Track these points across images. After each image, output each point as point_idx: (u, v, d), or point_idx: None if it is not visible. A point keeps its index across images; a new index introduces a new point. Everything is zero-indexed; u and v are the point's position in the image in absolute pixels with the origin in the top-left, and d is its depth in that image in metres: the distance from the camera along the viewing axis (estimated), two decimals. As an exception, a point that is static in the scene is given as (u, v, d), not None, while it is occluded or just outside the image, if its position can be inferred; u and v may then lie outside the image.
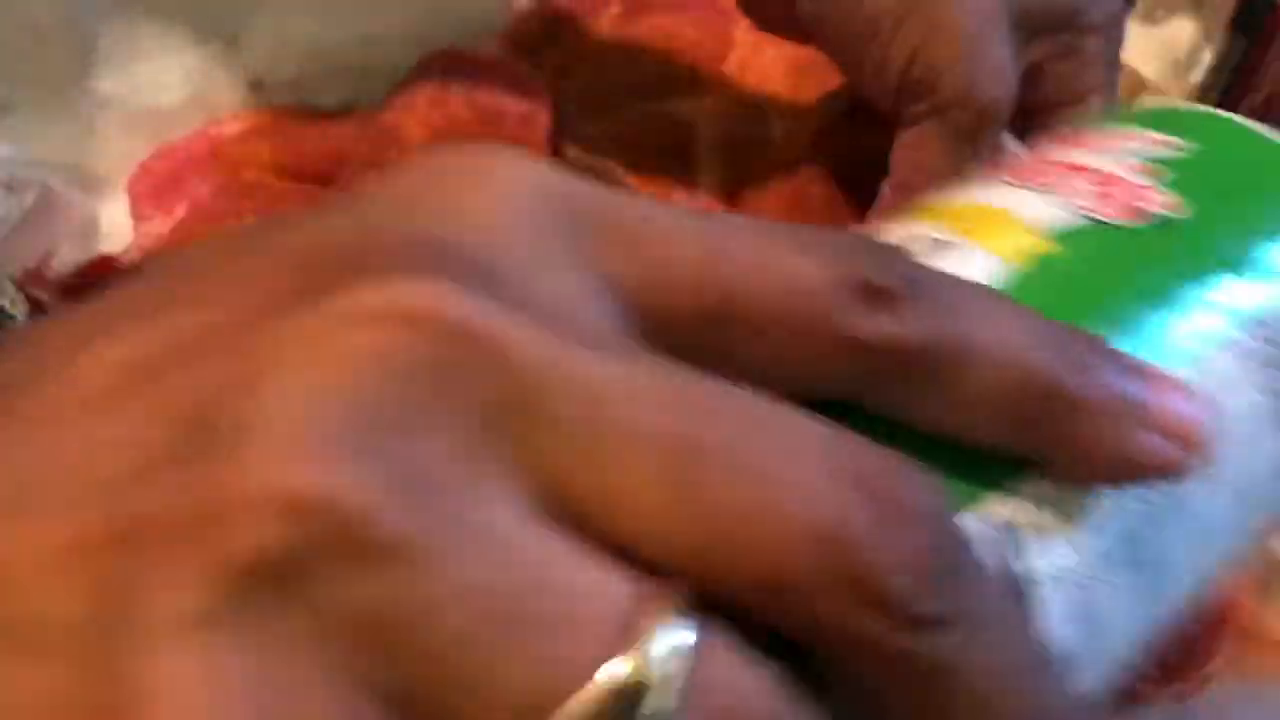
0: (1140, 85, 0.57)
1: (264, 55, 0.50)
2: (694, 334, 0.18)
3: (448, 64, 0.49)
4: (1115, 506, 0.20)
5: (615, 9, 0.54)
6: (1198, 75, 0.58)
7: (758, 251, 0.18)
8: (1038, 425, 0.19)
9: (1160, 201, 0.23)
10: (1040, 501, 0.19)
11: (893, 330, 0.18)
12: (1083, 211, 0.22)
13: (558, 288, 0.17)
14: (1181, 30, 0.59)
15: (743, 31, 0.52)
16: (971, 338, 0.18)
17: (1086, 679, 0.20)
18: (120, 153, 0.48)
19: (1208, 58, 0.57)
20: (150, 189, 0.48)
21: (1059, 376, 0.19)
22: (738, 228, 0.18)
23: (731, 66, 0.52)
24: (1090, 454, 0.19)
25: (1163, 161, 0.24)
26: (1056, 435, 0.19)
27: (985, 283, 0.21)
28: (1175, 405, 0.19)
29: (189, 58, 0.49)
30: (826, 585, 0.16)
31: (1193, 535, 0.21)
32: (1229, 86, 0.53)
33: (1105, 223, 0.22)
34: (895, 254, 0.19)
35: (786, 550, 0.15)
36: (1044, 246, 0.22)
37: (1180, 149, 0.24)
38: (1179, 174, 0.23)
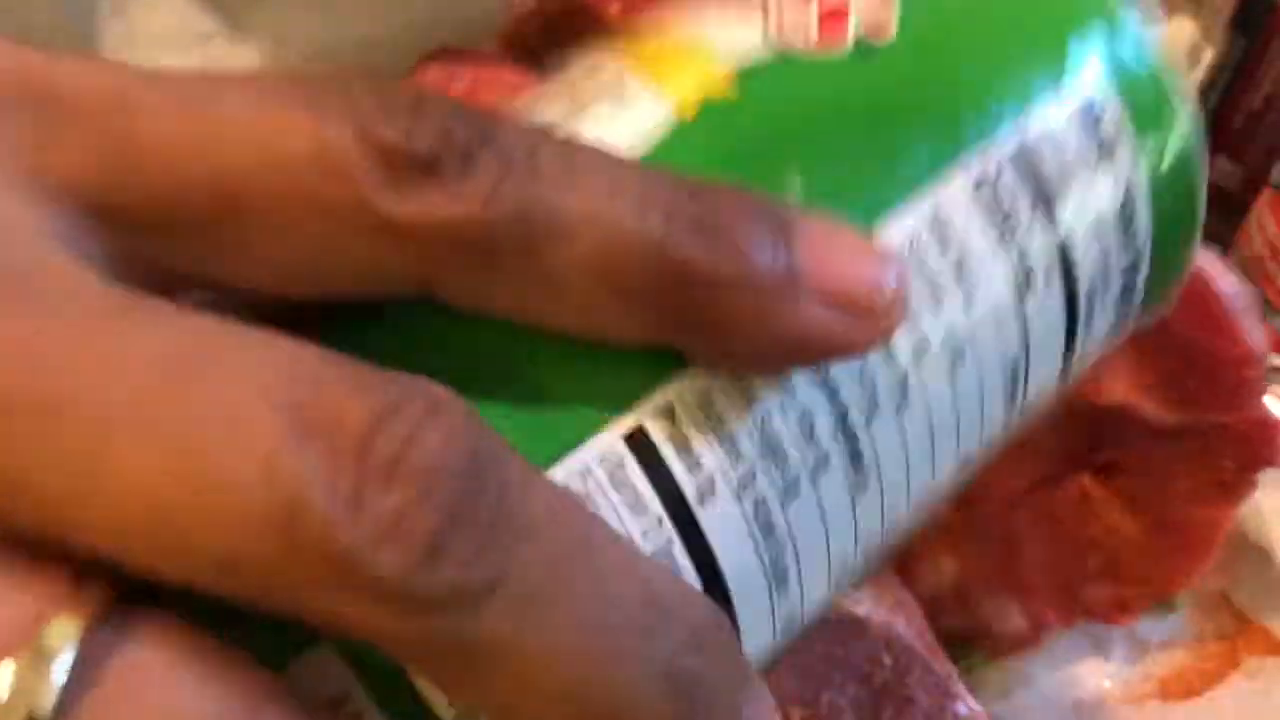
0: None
1: (264, 56, 0.50)
2: (187, 231, 0.14)
3: (448, 63, 0.49)
4: (788, 396, 0.17)
5: (615, 7, 0.54)
6: (1198, 74, 0.58)
7: (256, 122, 0.14)
8: (658, 307, 0.15)
9: (875, 23, 0.18)
10: (692, 402, 0.16)
11: (443, 209, 0.14)
12: (770, 33, 0.18)
13: None
14: (1181, 29, 0.59)
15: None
16: (555, 205, 0.15)
17: (787, 598, 0.17)
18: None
19: (1208, 57, 0.57)
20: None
21: (675, 244, 0.15)
22: (229, 88, 0.14)
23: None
24: (733, 338, 0.15)
25: None
26: (685, 319, 0.15)
27: (645, 134, 0.17)
28: (846, 266, 0.16)
29: (189, 58, 0.49)
30: (285, 568, 0.13)
31: (907, 413, 0.18)
32: (1229, 85, 0.53)
33: (795, 57, 0.18)
34: (443, 107, 0.15)
35: (222, 529, 0.12)
36: (717, 86, 0.18)
37: None
38: None
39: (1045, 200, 0.19)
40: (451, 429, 0.13)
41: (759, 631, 0.17)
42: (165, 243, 0.14)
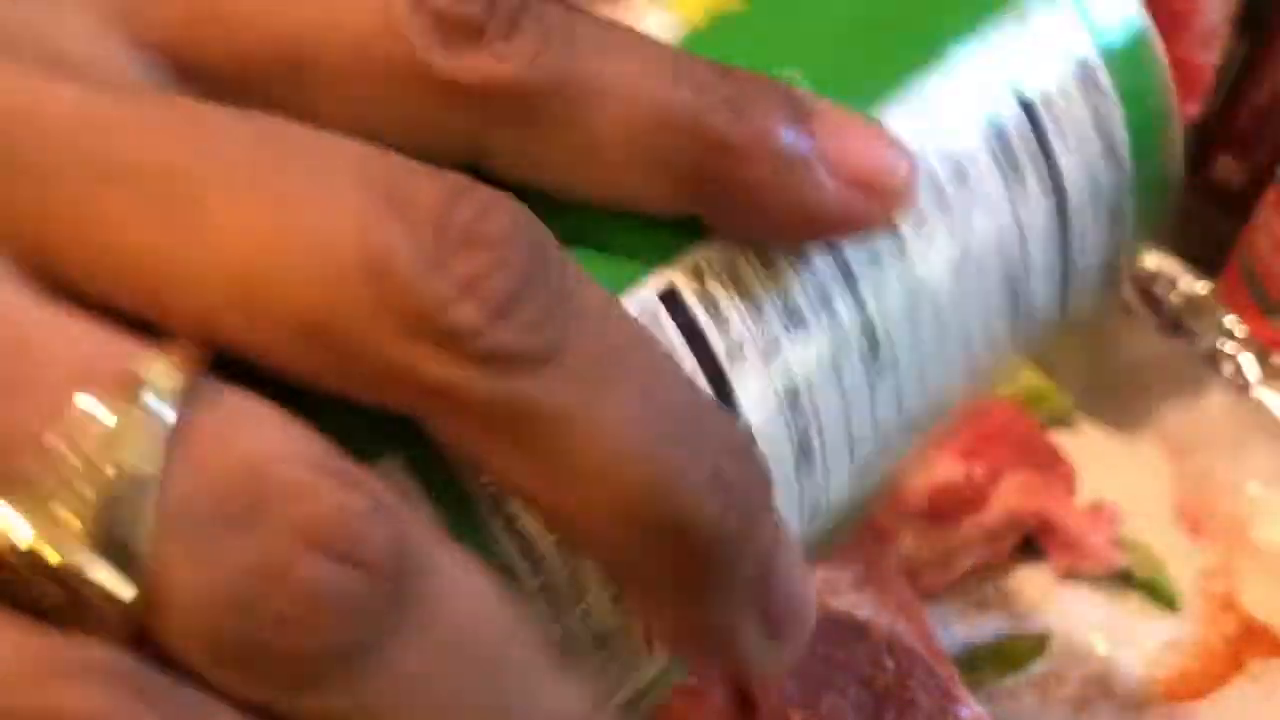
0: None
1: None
2: (260, 92, 0.15)
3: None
4: (809, 272, 0.18)
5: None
6: (1203, 73, 0.58)
7: None
8: (687, 176, 0.16)
9: None
10: (720, 268, 0.17)
11: (489, 68, 0.15)
12: None
13: (73, 28, 0.15)
14: (1187, 28, 0.59)
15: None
16: (593, 74, 0.16)
17: (812, 477, 0.18)
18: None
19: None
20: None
21: (705, 116, 0.16)
22: None
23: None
24: (756, 208, 0.16)
25: None
26: (712, 188, 0.16)
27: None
28: (861, 149, 0.17)
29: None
30: (370, 322, 0.13)
31: (918, 306, 0.19)
32: (1235, 84, 0.53)
33: None
34: None
35: (314, 285, 0.13)
36: (729, 2, 0.19)
37: None
38: None
39: (1015, 75, 0.20)
40: (516, 214, 0.14)
41: (787, 510, 0.18)
42: (241, 102, 0.15)
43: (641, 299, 0.17)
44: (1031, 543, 0.44)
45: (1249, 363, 0.46)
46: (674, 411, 0.15)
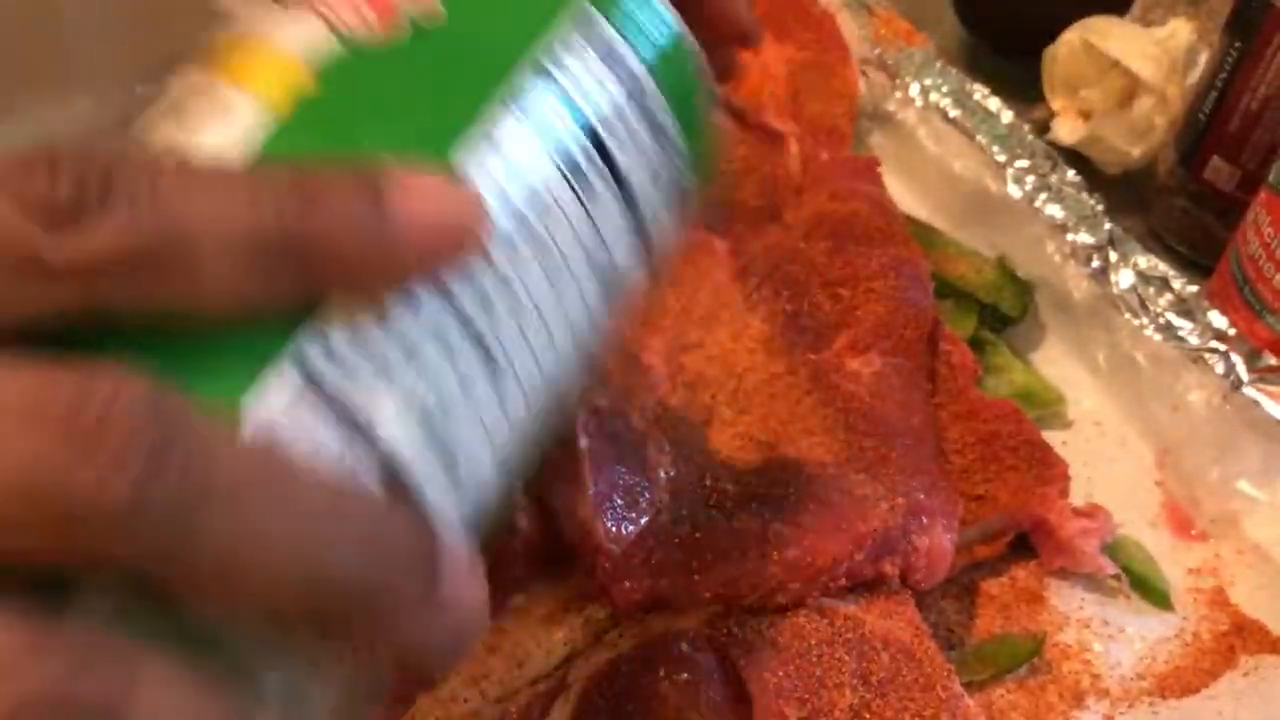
0: (1137, 85, 0.58)
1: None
2: None
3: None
4: (417, 311, 0.20)
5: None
6: (1194, 76, 0.58)
7: None
8: (289, 275, 0.19)
9: (422, 10, 0.23)
10: (338, 332, 0.20)
11: (82, 247, 0.17)
12: (339, 29, 0.22)
13: None
14: (1178, 31, 0.59)
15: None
16: (184, 221, 0.18)
17: (462, 478, 0.22)
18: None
19: (1204, 59, 0.57)
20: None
21: (289, 220, 0.19)
22: None
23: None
24: (348, 276, 0.19)
25: None
26: (310, 275, 0.19)
27: (251, 138, 0.21)
28: (429, 202, 0.20)
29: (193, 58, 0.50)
30: (42, 526, 0.16)
31: (522, 315, 0.22)
32: (1226, 87, 0.53)
33: (361, 45, 0.22)
34: (74, 157, 0.18)
35: None
36: (302, 83, 0.22)
37: None
38: None
39: (572, 104, 0.23)
40: (134, 395, 0.17)
41: (449, 508, 0.21)
42: None
43: (277, 382, 0.19)
44: (1026, 541, 0.45)
45: (1239, 362, 0.47)
46: (311, 508, 0.18)
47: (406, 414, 0.20)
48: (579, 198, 0.23)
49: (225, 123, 0.21)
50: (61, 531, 0.16)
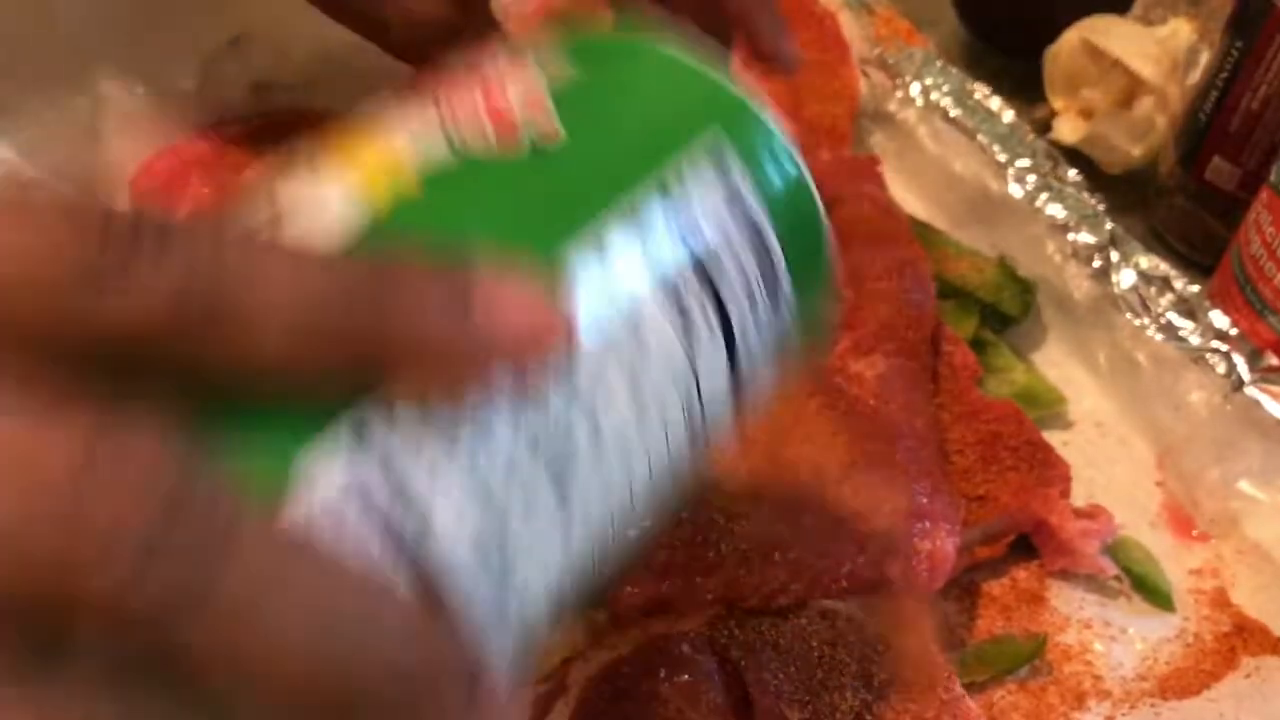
0: (1138, 84, 0.58)
1: (267, 57, 0.51)
2: None
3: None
4: (488, 429, 0.19)
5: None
6: (1195, 75, 0.58)
7: None
8: (343, 357, 0.18)
9: (541, 131, 0.22)
10: (392, 426, 0.18)
11: (125, 308, 0.16)
12: (453, 138, 0.22)
13: None
14: (1179, 31, 0.59)
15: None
16: (243, 288, 0.17)
17: (513, 593, 0.20)
18: (123, 153, 0.49)
19: (1205, 58, 0.57)
20: (153, 189, 0.48)
21: (356, 299, 0.18)
22: None
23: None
24: (416, 366, 0.18)
25: (558, 90, 0.23)
26: (373, 362, 0.18)
27: (339, 227, 0.20)
28: (515, 315, 0.18)
29: (192, 59, 0.50)
30: (40, 600, 0.15)
31: (599, 441, 0.21)
32: (1227, 87, 0.53)
33: (477, 157, 0.22)
34: (129, 220, 0.17)
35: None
36: (406, 184, 0.21)
37: (578, 78, 0.24)
38: (569, 102, 0.23)
39: (689, 232, 0.22)
40: (152, 461, 0.16)
41: (492, 625, 0.20)
42: None
43: (324, 464, 0.18)
44: (1027, 542, 0.45)
45: (1240, 363, 0.47)
46: (340, 608, 0.17)
47: (459, 525, 0.19)
48: (679, 330, 0.22)
49: (316, 210, 0.20)
50: (44, 603, 0.15)
